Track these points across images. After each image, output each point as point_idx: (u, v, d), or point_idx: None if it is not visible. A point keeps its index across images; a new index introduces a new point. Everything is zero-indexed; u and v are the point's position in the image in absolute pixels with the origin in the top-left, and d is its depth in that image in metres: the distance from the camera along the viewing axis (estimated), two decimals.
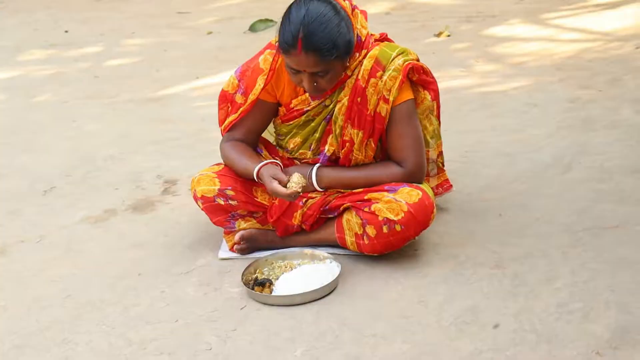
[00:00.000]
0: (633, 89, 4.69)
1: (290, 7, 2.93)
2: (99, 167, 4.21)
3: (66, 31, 7.50)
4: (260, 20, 6.94)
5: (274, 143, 3.32)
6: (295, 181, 2.94)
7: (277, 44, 2.95)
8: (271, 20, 6.89)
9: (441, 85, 3.29)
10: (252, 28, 6.88)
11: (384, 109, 3.02)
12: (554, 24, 6.27)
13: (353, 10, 3.03)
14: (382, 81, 3.00)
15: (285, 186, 2.95)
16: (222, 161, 3.20)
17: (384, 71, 3.01)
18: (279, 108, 3.17)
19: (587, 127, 4.18)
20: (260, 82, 3.08)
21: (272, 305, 2.85)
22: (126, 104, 5.29)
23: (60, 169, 4.22)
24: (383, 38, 3.17)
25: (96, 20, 7.87)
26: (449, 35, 6.18)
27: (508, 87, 4.94)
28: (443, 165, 3.35)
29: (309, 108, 3.10)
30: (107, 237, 3.45)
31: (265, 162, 3.03)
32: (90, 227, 3.56)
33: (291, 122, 3.15)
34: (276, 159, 3.15)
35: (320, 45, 2.84)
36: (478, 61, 5.52)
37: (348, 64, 3.00)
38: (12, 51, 6.95)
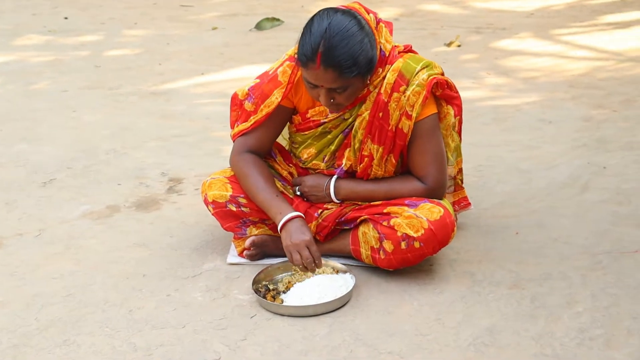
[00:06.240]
0: None
1: (312, 18, 2.78)
2: (101, 161, 4.08)
3: (66, 18, 7.38)
4: (267, 19, 6.83)
5: (288, 149, 3.20)
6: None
7: (295, 55, 2.82)
8: (278, 20, 6.78)
9: None
10: (259, 26, 6.76)
11: (406, 125, 2.90)
12: (564, 40, 6.21)
13: (377, 24, 2.89)
14: (405, 96, 2.87)
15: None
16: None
17: (407, 85, 2.87)
18: (294, 116, 3.04)
19: (602, 148, 4.09)
20: (277, 95, 2.95)
21: (284, 315, 2.74)
22: (128, 96, 5.17)
23: (60, 160, 4.09)
24: (407, 50, 3.03)
25: (97, 8, 7.76)
26: (459, 46, 6.10)
27: (520, 101, 4.86)
28: (462, 183, 3.24)
29: (326, 120, 2.98)
30: (109, 235, 3.33)
31: (295, 214, 2.89)
32: (92, 222, 3.43)
33: (306, 133, 3.03)
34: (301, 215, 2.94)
35: (340, 62, 2.69)
36: (489, 73, 5.43)
37: (369, 82, 2.87)
38: (10, 35, 6.82)
